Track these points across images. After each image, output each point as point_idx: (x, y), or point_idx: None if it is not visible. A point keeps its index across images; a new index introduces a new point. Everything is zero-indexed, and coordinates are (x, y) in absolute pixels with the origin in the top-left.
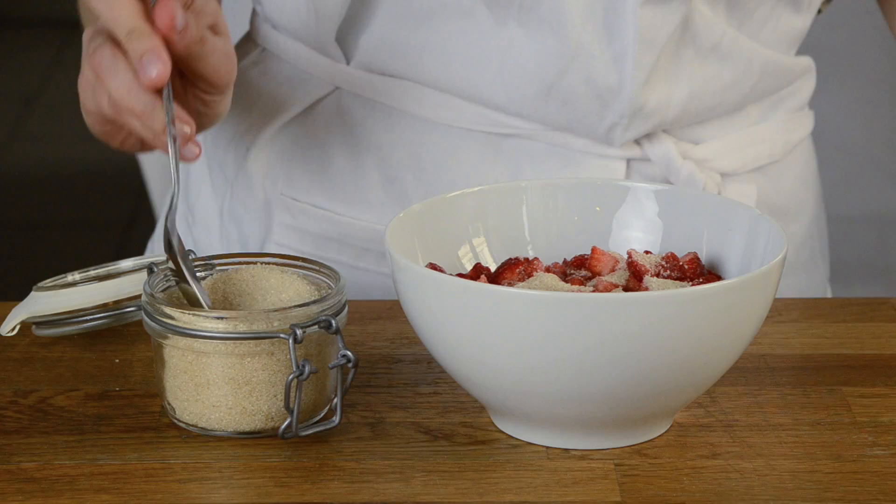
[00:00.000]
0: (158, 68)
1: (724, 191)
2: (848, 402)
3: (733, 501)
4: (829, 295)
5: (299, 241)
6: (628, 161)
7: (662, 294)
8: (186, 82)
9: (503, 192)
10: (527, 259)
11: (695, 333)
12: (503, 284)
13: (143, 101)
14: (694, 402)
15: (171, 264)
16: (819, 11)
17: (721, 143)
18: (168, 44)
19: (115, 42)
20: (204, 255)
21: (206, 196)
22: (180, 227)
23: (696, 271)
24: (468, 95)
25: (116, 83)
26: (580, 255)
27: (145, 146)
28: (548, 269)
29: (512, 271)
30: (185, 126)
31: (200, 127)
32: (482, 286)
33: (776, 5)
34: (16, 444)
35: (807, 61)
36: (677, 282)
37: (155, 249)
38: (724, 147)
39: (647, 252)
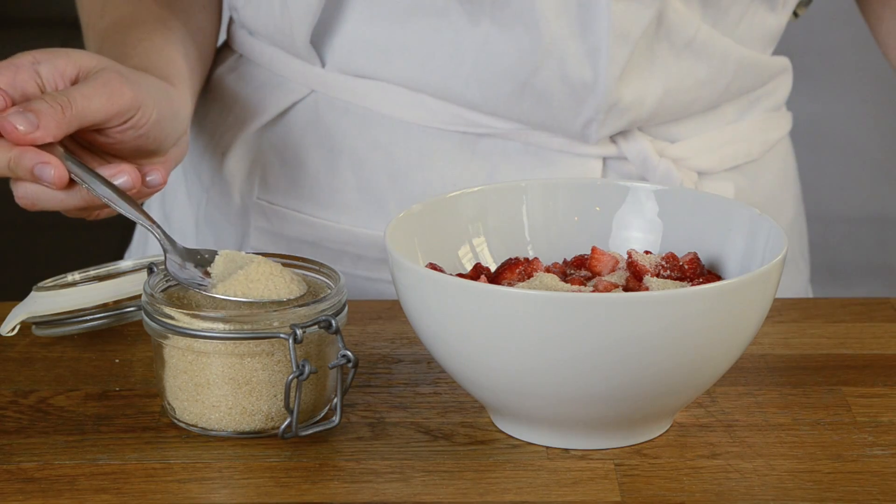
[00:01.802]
0: (52, 172)
1: (700, 189)
2: (848, 402)
3: (733, 501)
4: (811, 296)
5: (275, 245)
6: (604, 159)
7: (662, 294)
8: (102, 131)
9: (503, 192)
10: (527, 259)
11: (695, 333)
12: (503, 284)
13: (75, 198)
14: (694, 402)
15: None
16: (796, 15)
17: (697, 141)
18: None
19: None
20: None
21: (182, 203)
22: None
23: (696, 271)
24: (443, 95)
25: (45, 204)
26: (580, 255)
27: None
28: (548, 269)
29: (512, 271)
30: (121, 177)
31: (158, 144)
32: (482, 286)
33: (751, 3)
34: (16, 444)
35: (783, 61)
36: (677, 282)
37: (147, 242)
38: (700, 145)
39: (647, 252)
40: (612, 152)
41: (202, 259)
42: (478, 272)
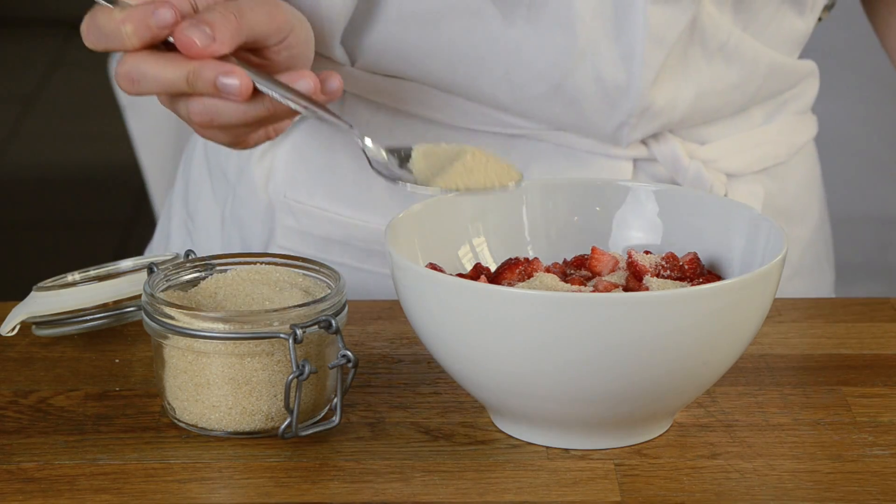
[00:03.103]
0: (237, 81)
1: (730, 191)
2: (848, 402)
3: (733, 501)
4: None
5: (303, 243)
6: (635, 161)
7: (662, 294)
8: (257, 51)
9: (504, 192)
10: (527, 259)
11: (695, 333)
12: (503, 284)
13: (258, 108)
14: (694, 402)
15: None
16: (819, 19)
17: (727, 143)
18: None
19: (185, 95)
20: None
21: (207, 200)
22: (180, 233)
23: (696, 271)
24: (473, 96)
25: (225, 117)
26: (580, 255)
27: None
28: (548, 270)
29: (512, 271)
30: (303, 81)
31: (304, 67)
32: (482, 286)
33: (780, 6)
34: (16, 444)
35: (810, 65)
36: (677, 282)
37: (170, 240)
38: (729, 147)
39: (646, 252)
40: (642, 154)
41: (398, 155)
42: (478, 272)
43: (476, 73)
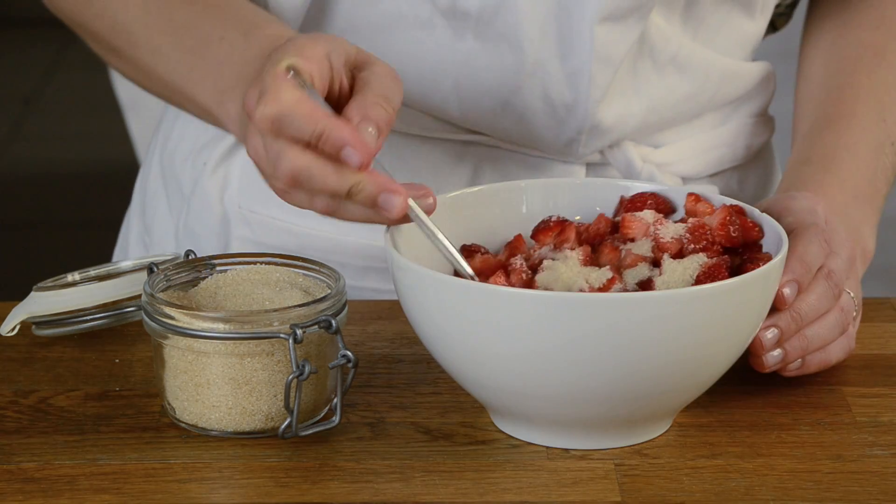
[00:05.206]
0: (398, 201)
1: None
2: (848, 402)
3: (733, 501)
4: None
5: None
6: (587, 165)
7: (662, 294)
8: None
9: (503, 192)
10: (560, 220)
11: (695, 333)
12: (538, 251)
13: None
14: (694, 402)
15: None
16: (776, 28)
17: (681, 146)
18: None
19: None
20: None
21: (163, 214)
22: (138, 247)
23: (728, 236)
24: (423, 109)
25: (351, 215)
26: (613, 220)
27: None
28: (578, 233)
29: (546, 234)
30: (429, 199)
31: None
32: (482, 286)
33: (730, 11)
34: (16, 444)
35: (765, 67)
36: (702, 253)
37: (128, 255)
38: (684, 151)
39: (680, 220)
40: (595, 158)
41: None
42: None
43: (426, 87)
